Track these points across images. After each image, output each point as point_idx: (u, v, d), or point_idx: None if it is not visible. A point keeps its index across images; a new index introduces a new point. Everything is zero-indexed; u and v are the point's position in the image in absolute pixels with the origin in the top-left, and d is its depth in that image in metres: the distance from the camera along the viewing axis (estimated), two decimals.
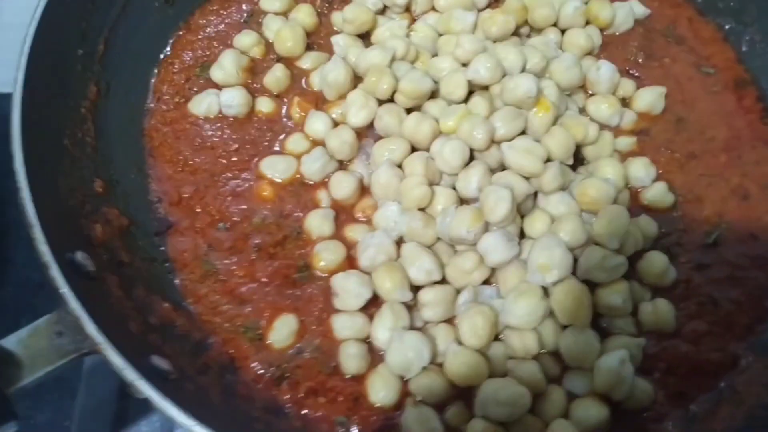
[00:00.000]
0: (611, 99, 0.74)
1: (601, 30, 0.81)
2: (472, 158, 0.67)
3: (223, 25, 0.79)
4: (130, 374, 0.47)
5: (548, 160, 0.66)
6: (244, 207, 0.67)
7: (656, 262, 0.65)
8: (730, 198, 0.72)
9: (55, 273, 0.49)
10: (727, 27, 0.84)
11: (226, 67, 0.73)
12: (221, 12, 0.79)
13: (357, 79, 0.73)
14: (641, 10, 0.83)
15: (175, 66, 0.75)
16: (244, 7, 0.80)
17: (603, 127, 0.73)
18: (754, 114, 0.78)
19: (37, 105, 0.59)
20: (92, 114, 0.67)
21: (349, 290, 0.61)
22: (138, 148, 0.70)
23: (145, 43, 0.75)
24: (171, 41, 0.77)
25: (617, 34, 0.82)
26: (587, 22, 0.81)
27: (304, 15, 0.78)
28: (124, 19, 0.73)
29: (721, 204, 0.71)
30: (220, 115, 0.72)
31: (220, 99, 0.72)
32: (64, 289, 0.49)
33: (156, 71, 0.75)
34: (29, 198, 0.52)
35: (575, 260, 0.61)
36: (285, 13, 0.79)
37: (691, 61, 0.81)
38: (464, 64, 0.72)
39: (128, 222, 0.64)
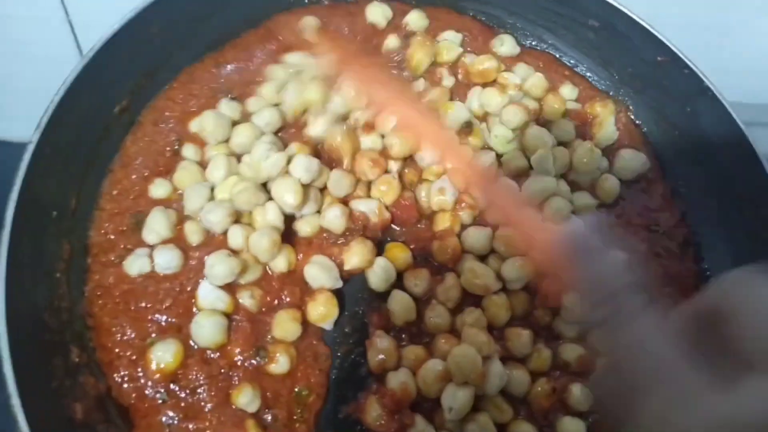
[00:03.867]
0: None
1: None
2: None
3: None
4: None
5: None
6: None
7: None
8: None
9: None
10: None
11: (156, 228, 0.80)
12: None
13: None
14: None
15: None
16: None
17: None
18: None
19: (20, 285, 0.67)
20: (66, 276, 0.75)
21: None
22: None
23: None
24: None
25: None
26: None
27: None
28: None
29: None
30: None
31: (156, 260, 0.77)
32: None
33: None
34: (20, 407, 0.61)
35: None
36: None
37: None
38: None
39: (105, 388, 0.73)
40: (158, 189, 0.84)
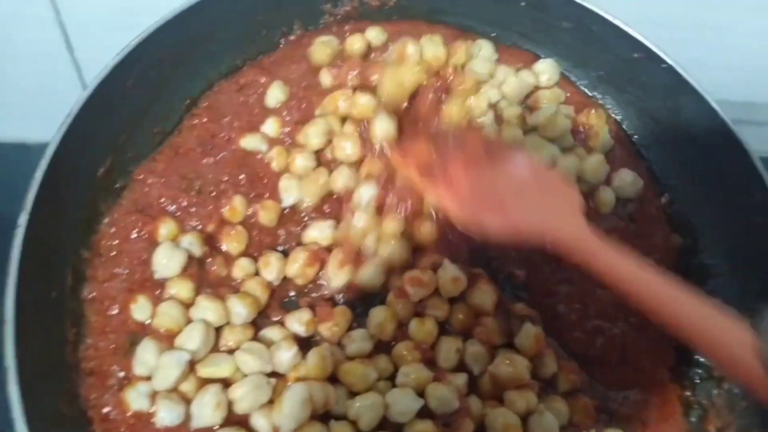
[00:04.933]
0: None
1: None
2: None
3: None
4: None
5: None
6: None
7: None
8: None
9: None
10: None
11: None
12: None
13: None
14: None
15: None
16: None
17: None
18: None
19: (31, 373, 0.64)
20: (75, 359, 0.73)
21: None
22: None
23: None
24: None
25: None
26: None
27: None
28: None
29: None
30: None
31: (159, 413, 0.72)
32: None
33: None
34: None
35: None
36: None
37: None
38: None
39: None
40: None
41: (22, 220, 0.70)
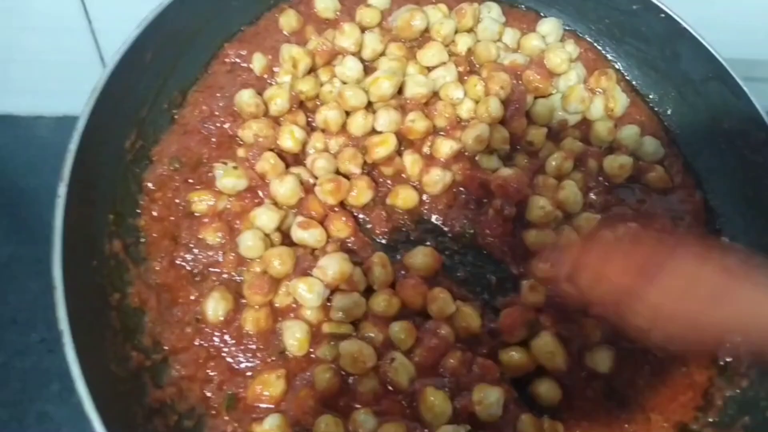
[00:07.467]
0: None
1: None
2: None
3: None
4: None
5: None
6: None
7: None
8: None
9: None
10: None
11: None
12: None
13: None
14: None
15: None
16: None
17: None
18: None
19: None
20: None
21: None
22: None
23: None
24: None
25: None
26: None
27: None
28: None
29: None
30: None
31: None
32: None
33: None
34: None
35: None
36: None
37: None
38: None
39: None
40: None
41: (62, 191, 0.72)
